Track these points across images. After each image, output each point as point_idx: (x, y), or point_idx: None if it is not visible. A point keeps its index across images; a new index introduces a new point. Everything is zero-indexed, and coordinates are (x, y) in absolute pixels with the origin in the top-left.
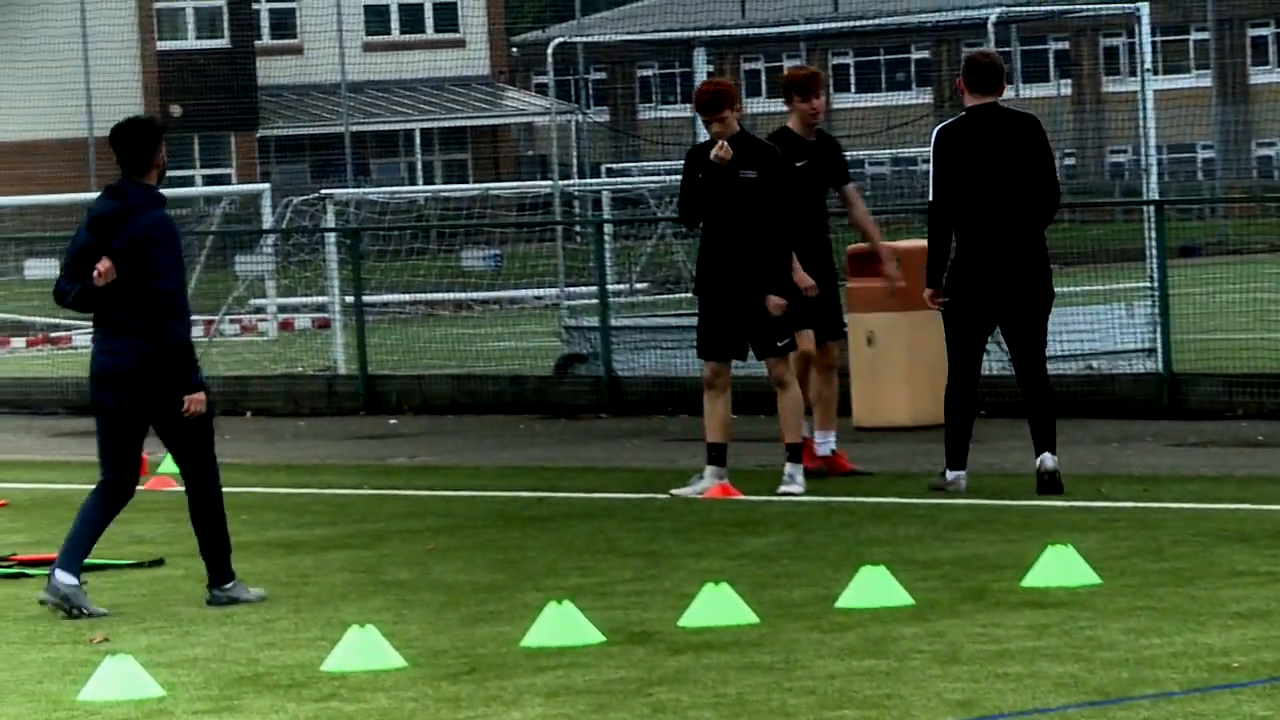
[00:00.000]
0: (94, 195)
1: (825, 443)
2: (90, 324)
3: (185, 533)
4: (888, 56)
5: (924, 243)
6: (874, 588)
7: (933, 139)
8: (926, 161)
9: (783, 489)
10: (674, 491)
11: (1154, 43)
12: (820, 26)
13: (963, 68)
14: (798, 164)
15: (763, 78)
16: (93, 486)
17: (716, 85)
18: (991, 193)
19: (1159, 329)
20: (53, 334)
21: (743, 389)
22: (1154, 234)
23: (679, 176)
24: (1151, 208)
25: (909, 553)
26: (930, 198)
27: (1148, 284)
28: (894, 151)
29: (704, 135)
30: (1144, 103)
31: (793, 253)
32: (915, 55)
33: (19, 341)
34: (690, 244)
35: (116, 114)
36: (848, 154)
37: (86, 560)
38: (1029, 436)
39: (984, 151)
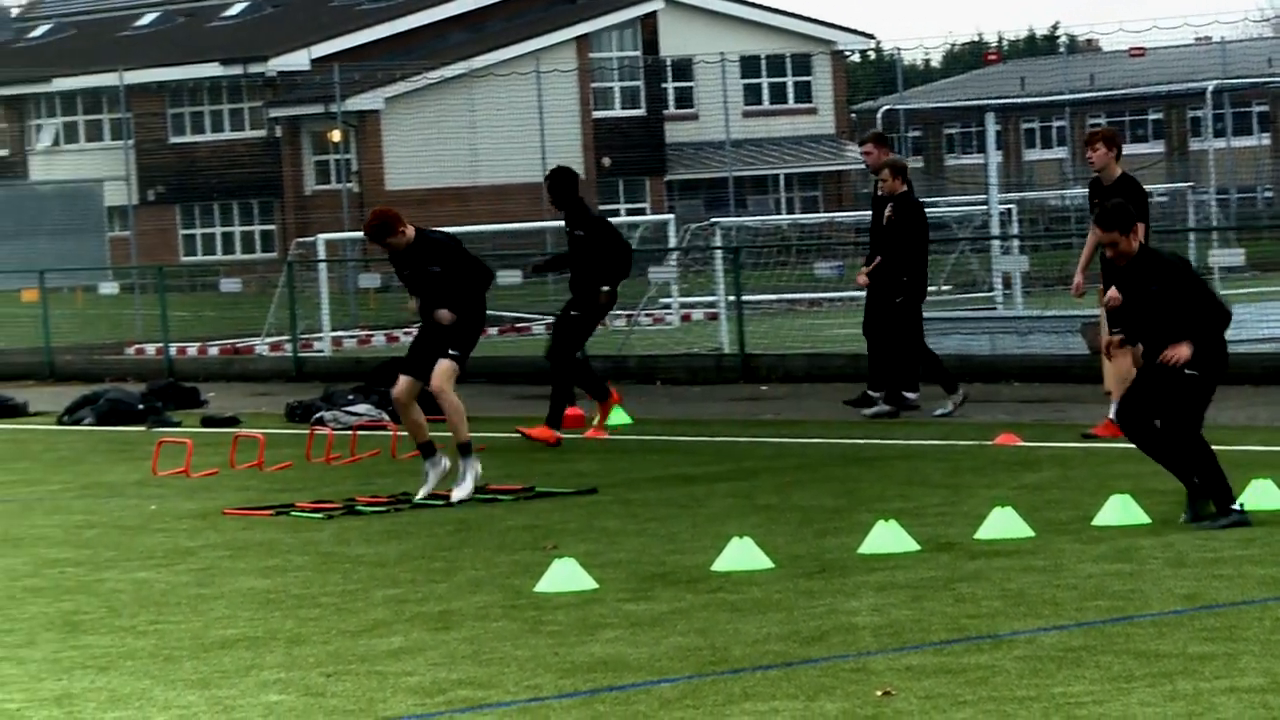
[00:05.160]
0: (551, 225)
1: None
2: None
3: (613, 468)
4: (1131, 118)
5: None
6: (1121, 511)
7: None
8: (1164, 195)
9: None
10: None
11: None
12: (1080, 96)
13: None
14: (1092, 199)
15: (1036, 135)
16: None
17: (381, 214)
18: None
19: None
20: (517, 324)
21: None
22: None
23: (978, 207)
24: None
25: (1148, 484)
26: None
27: None
28: None
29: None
30: None
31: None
32: (1151, 117)
33: (493, 330)
34: (984, 257)
35: (564, 163)
36: None
37: (540, 488)
38: (1239, 398)
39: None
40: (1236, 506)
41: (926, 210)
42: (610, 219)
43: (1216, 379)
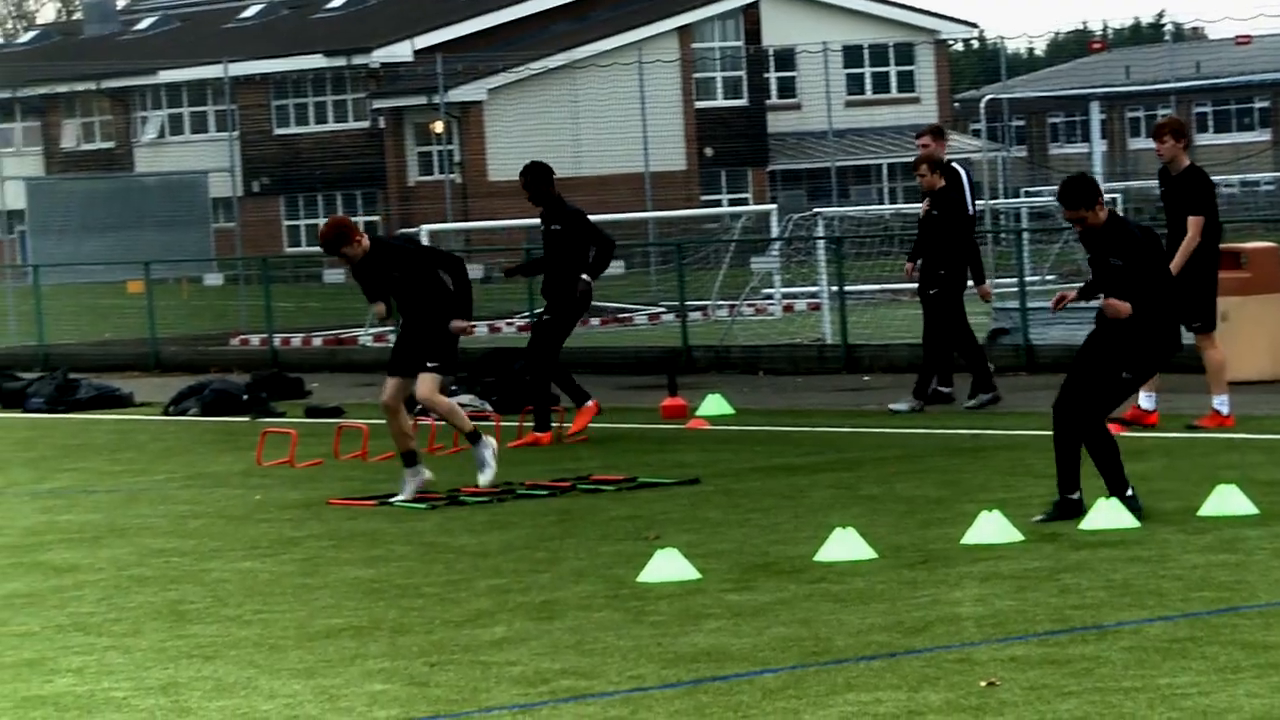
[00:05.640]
0: (652, 215)
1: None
2: (643, 306)
3: (716, 459)
4: (1237, 106)
5: (1269, 245)
6: (1227, 501)
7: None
8: (1271, 184)
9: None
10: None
11: None
12: (1185, 84)
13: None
14: (1162, 189)
15: (1141, 124)
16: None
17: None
18: None
19: None
20: (619, 315)
21: None
22: None
23: None
24: None
25: (1254, 475)
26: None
27: None
28: (1241, 176)
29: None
30: None
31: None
32: (1258, 105)
33: (595, 321)
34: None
35: (666, 154)
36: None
37: (643, 479)
38: None
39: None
40: (1129, 494)
41: (1032, 199)
42: (589, 214)
43: (1145, 380)
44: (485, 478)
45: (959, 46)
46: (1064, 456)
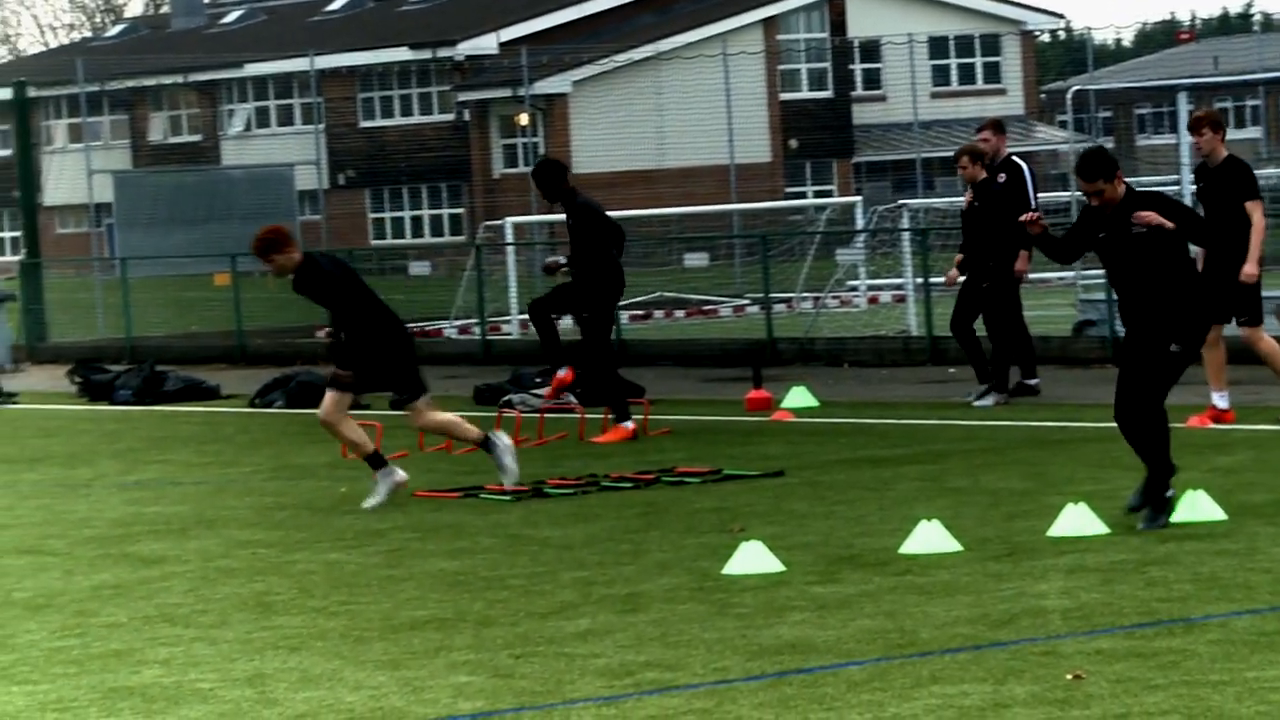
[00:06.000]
0: (736, 207)
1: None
2: (731, 299)
3: (802, 451)
4: None
5: None
6: None
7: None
8: None
9: None
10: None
11: None
12: (1275, 74)
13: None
14: (1198, 184)
15: (1230, 114)
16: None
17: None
18: None
19: None
20: (704, 307)
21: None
22: None
23: (1170, 188)
24: None
25: None
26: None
27: None
28: None
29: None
30: None
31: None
32: None
33: (680, 313)
34: None
35: (751, 146)
36: None
37: (727, 471)
38: None
39: None
40: (1169, 494)
41: None
42: (599, 207)
43: (1195, 352)
44: (507, 481)
45: (1045, 37)
46: (1138, 447)
